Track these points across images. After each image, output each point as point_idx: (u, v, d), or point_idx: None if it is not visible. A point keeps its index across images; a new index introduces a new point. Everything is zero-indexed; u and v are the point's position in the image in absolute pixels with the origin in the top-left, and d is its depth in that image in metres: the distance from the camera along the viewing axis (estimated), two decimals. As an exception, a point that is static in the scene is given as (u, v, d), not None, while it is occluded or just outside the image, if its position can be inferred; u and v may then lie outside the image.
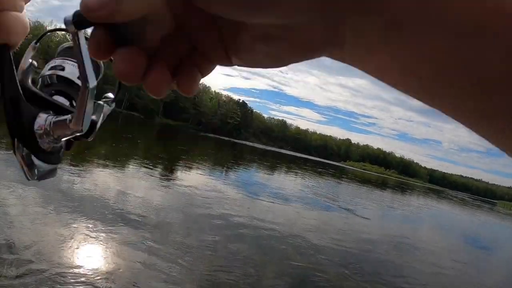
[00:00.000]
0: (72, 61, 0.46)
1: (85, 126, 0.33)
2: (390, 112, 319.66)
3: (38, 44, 0.42)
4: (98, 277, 3.52)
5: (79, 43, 0.25)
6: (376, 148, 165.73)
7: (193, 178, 10.61)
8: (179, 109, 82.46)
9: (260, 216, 7.50)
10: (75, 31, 0.24)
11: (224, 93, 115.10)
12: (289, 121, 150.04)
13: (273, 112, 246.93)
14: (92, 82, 0.30)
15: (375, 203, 17.16)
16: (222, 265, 4.63)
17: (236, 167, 18.67)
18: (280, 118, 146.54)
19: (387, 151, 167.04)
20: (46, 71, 0.45)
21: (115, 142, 14.72)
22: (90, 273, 3.56)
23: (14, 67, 0.33)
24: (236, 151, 35.33)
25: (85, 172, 7.84)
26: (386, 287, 5.42)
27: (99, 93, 0.38)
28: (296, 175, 23.15)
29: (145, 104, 74.11)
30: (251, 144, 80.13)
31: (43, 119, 0.37)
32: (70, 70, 0.45)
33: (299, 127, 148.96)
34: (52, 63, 0.46)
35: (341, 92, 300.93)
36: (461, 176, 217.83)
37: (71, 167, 7.93)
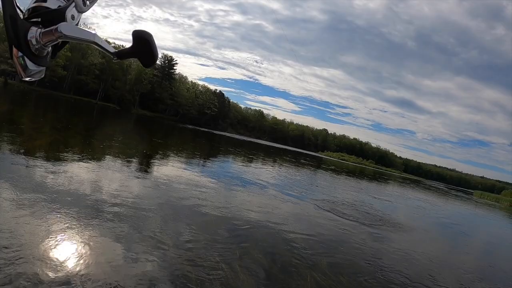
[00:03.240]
0: None
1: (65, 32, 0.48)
2: (364, 103, 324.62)
3: None
4: (77, 272, 3.28)
5: None
6: (352, 138, 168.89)
7: (180, 171, 9.84)
8: (156, 100, 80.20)
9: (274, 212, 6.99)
10: None
11: (200, 83, 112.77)
12: (265, 111, 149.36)
13: (249, 102, 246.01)
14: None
15: (383, 197, 17.03)
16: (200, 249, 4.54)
17: (227, 159, 17.99)
18: (257, 108, 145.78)
19: (363, 141, 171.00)
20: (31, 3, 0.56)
21: (89, 136, 13.99)
22: (69, 268, 3.34)
23: None
24: (220, 144, 34.56)
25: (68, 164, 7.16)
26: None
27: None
28: (288, 168, 22.79)
29: (121, 95, 71.32)
30: (229, 134, 79.38)
31: (34, 31, 0.48)
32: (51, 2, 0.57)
33: (276, 117, 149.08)
34: None
35: (316, 82, 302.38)
36: (435, 165, 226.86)
37: (47, 161, 7.49)
